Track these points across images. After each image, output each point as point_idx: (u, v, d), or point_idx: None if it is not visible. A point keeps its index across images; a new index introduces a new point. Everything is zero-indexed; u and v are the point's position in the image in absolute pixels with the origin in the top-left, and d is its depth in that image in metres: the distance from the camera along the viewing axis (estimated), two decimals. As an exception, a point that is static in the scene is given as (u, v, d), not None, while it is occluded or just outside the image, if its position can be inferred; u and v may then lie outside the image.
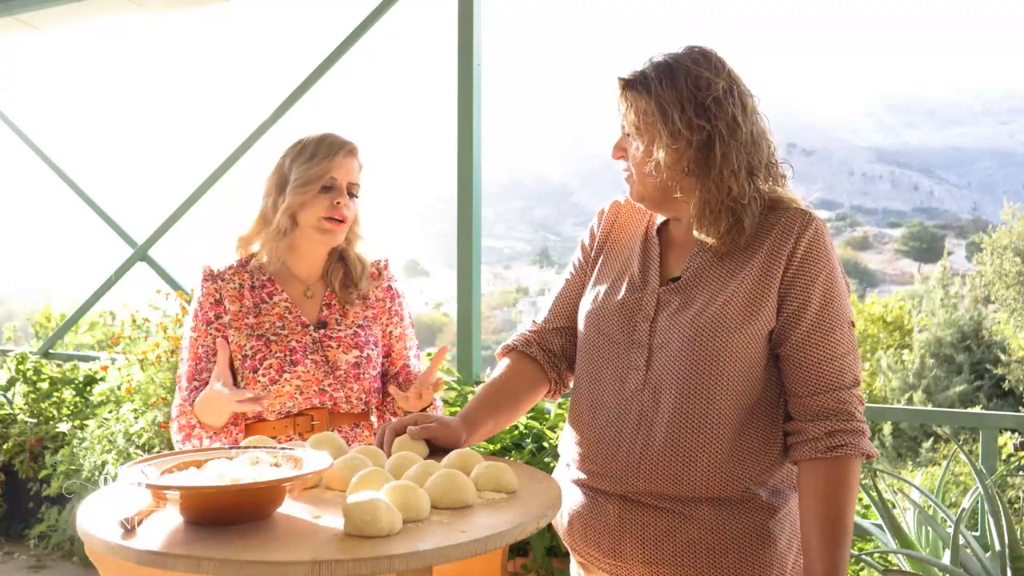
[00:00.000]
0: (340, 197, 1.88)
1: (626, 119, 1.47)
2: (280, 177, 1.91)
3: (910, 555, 2.42)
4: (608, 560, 1.48)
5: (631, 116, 1.46)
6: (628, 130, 1.48)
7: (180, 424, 1.86)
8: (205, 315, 1.91)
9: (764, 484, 1.43)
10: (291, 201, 1.87)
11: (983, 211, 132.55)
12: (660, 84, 1.42)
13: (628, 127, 1.48)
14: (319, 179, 1.87)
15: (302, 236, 1.91)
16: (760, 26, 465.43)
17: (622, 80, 1.47)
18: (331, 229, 1.89)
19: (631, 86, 1.45)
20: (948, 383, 23.74)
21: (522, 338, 1.68)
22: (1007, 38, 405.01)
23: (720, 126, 1.41)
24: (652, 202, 1.52)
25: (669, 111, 1.41)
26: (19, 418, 4.77)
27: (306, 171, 1.87)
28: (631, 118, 1.46)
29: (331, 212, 1.88)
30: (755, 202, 1.44)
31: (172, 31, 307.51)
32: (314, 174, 1.87)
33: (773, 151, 1.48)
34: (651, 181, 1.48)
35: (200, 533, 1.11)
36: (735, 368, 1.41)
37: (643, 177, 1.48)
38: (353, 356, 1.90)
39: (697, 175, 1.43)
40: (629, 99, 1.46)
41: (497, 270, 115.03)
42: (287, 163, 1.91)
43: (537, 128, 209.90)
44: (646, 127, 1.44)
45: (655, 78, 1.43)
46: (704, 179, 1.42)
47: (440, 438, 1.53)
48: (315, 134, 1.93)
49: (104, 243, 5.44)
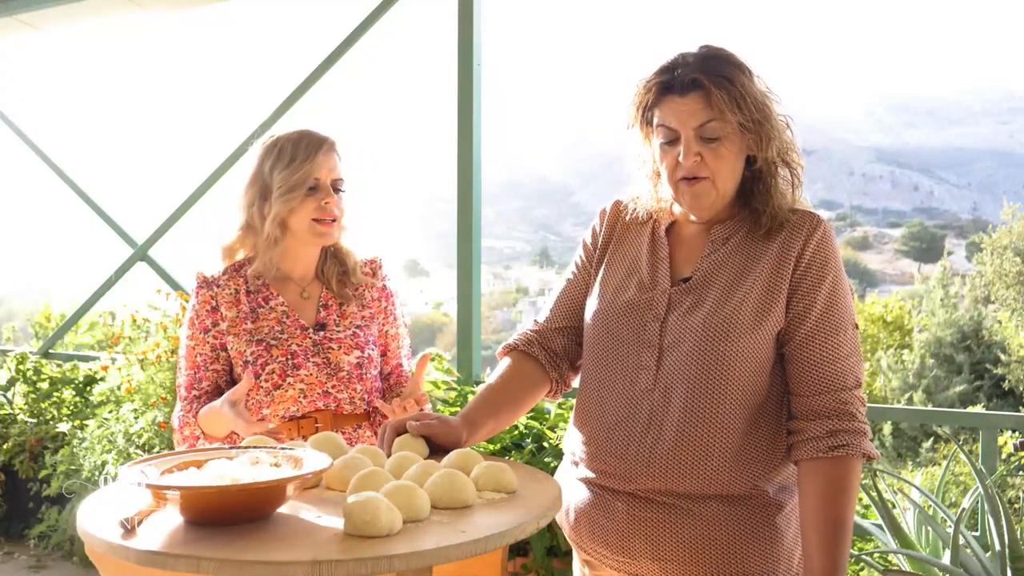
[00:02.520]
0: (327, 197, 1.86)
1: (721, 121, 1.41)
2: (262, 185, 1.87)
3: (910, 555, 2.42)
4: (616, 557, 1.48)
5: (717, 114, 1.40)
6: (710, 133, 1.42)
7: (184, 435, 1.85)
8: (202, 323, 1.89)
9: (771, 481, 1.44)
10: (278, 210, 1.84)
11: (983, 211, 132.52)
12: (737, 77, 1.41)
13: (710, 129, 1.41)
14: (303, 183, 1.84)
15: (294, 239, 1.89)
16: (760, 26, 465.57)
17: (702, 79, 1.40)
18: (324, 231, 1.87)
19: (719, 85, 1.40)
20: (948, 383, 23.74)
21: (523, 337, 1.68)
22: (1007, 38, 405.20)
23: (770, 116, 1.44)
24: (721, 207, 1.50)
25: (748, 103, 1.40)
26: (19, 418, 4.77)
27: (289, 176, 1.83)
28: (734, 116, 1.40)
29: (320, 214, 1.86)
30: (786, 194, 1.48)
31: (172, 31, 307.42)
32: (298, 179, 1.83)
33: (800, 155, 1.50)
34: (733, 181, 1.47)
35: (200, 533, 1.11)
36: (746, 368, 1.42)
37: (729, 179, 1.47)
38: (355, 357, 1.90)
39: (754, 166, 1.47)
40: (713, 98, 1.39)
41: (497, 270, 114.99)
42: (267, 169, 1.86)
43: (537, 128, 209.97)
44: (735, 122, 1.40)
45: (729, 73, 1.41)
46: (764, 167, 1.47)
47: (440, 436, 1.53)
48: (290, 133, 1.88)
49: (104, 243, 5.44)
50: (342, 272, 1.97)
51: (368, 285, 1.99)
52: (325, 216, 1.86)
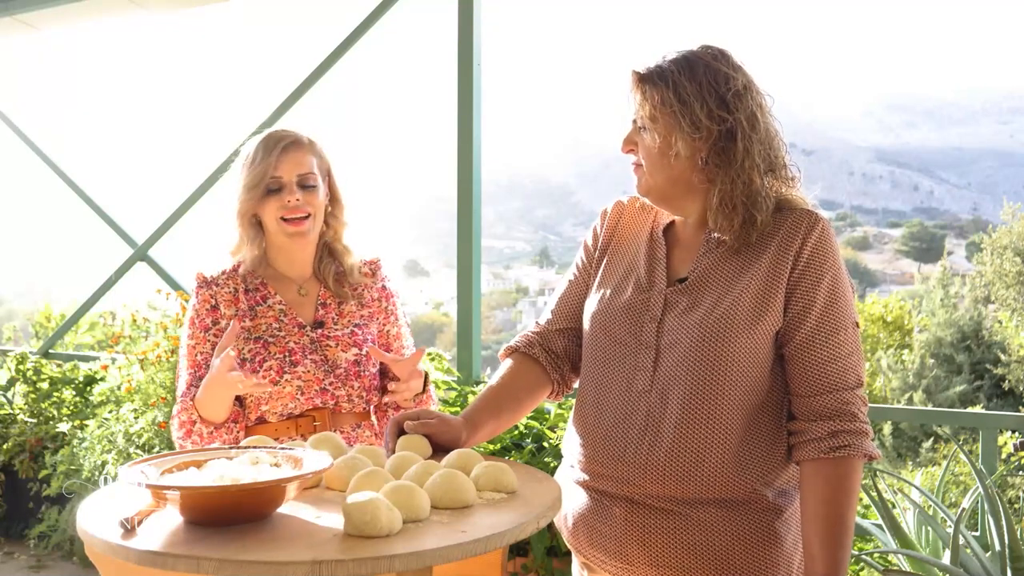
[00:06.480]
0: (289, 196, 1.84)
1: (641, 111, 1.46)
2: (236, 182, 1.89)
3: (910, 555, 2.42)
4: (614, 563, 1.48)
5: (647, 108, 1.45)
6: (642, 123, 1.47)
7: (181, 420, 1.84)
8: (202, 322, 1.90)
9: (771, 485, 1.43)
10: (240, 209, 1.86)
11: (983, 211, 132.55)
12: (680, 75, 1.42)
13: (643, 120, 1.47)
14: (260, 182, 1.84)
15: (275, 239, 1.90)
16: (760, 26, 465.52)
17: (637, 73, 1.46)
18: (292, 230, 1.87)
19: (647, 79, 1.45)
20: (948, 383, 23.74)
21: (525, 339, 1.68)
22: (1007, 38, 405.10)
23: (741, 119, 1.42)
24: (659, 195, 1.51)
25: (690, 102, 1.41)
26: (19, 418, 4.77)
27: (248, 176, 1.85)
28: (647, 110, 1.45)
29: (286, 212, 1.85)
30: (768, 199, 1.45)
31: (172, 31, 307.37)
32: (254, 178, 1.84)
33: (786, 151, 1.49)
34: (663, 173, 1.47)
35: (200, 533, 1.11)
36: (743, 368, 1.41)
37: (654, 169, 1.48)
38: (352, 354, 1.90)
39: (718, 166, 1.43)
40: (646, 91, 1.45)
41: (497, 270, 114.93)
42: (239, 171, 1.89)
43: (537, 128, 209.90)
44: (664, 118, 1.43)
45: (674, 71, 1.43)
46: (726, 171, 1.43)
47: (440, 435, 1.53)
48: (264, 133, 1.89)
49: (104, 243, 5.44)
50: (338, 271, 1.97)
51: (367, 285, 1.99)
52: (291, 214, 1.86)
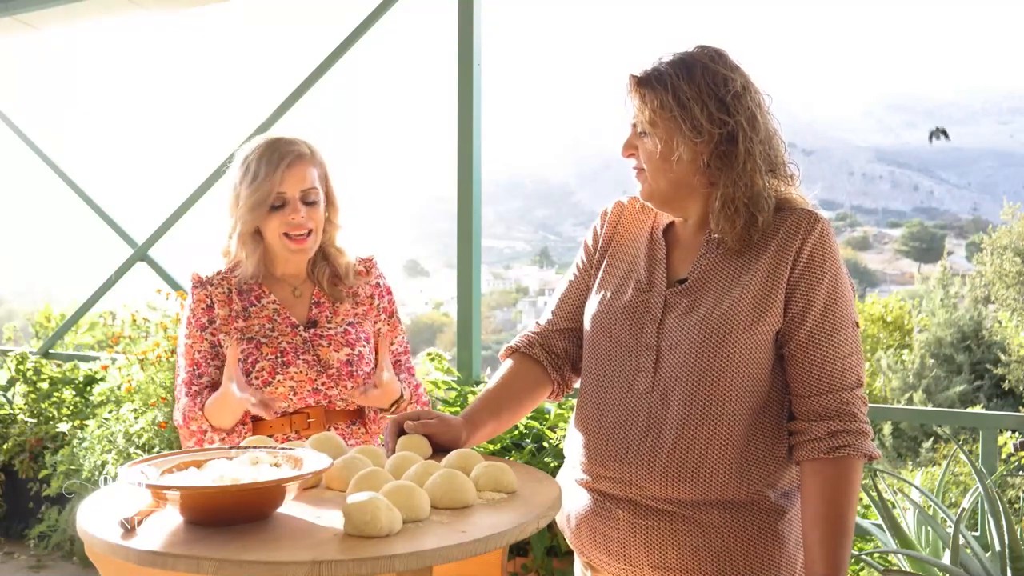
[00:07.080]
0: (293, 213, 1.83)
1: (640, 115, 1.46)
2: (235, 196, 1.87)
3: (910, 555, 2.42)
4: (618, 565, 1.48)
5: (646, 112, 1.44)
6: (642, 127, 1.47)
7: (191, 430, 1.84)
8: (199, 321, 1.91)
9: (773, 486, 1.43)
10: (242, 228, 1.85)
11: (983, 211, 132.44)
12: (678, 79, 1.42)
13: (642, 124, 1.46)
14: (265, 200, 1.82)
15: (276, 249, 1.90)
16: (760, 26, 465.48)
17: (635, 77, 1.45)
18: (295, 248, 1.87)
19: (645, 83, 1.44)
20: (948, 383, 23.72)
21: (525, 339, 1.68)
22: (1007, 38, 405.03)
23: (742, 121, 1.41)
24: (662, 199, 1.51)
25: (689, 105, 1.41)
26: (19, 418, 4.77)
27: (252, 192, 1.82)
28: (646, 114, 1.44)
29: (289, 229, 1.85)
30: (770, 199, 1.45)
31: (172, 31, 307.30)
32: (259, 197, 1.82)
33: (785, 151, 1.48)
34: (665, 177, 1.47)
35: (200, 533, 1.11)
36: (744, 369, 1.41)
37: (656, 174, 1.48)
38: (344, 354, 1.90)
39: (720, 169, 1.43)
40: (644, 96, 1.44)
41: (497, 270, 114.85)
42: (237, 182, 1.86)
43: (537, 128, 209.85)
44: (664, 122, 1.43)
45: (672, 74, 1.42)
46: (727, 173, 1.43)
47: (439, 435, 1.53)
48: (260, 144, 1.86)
49: (104, 243, 5.44)
50: (333, 273, 1.97)
51: (362, 284, 1.99)
52: (295, 231, 1.85)
